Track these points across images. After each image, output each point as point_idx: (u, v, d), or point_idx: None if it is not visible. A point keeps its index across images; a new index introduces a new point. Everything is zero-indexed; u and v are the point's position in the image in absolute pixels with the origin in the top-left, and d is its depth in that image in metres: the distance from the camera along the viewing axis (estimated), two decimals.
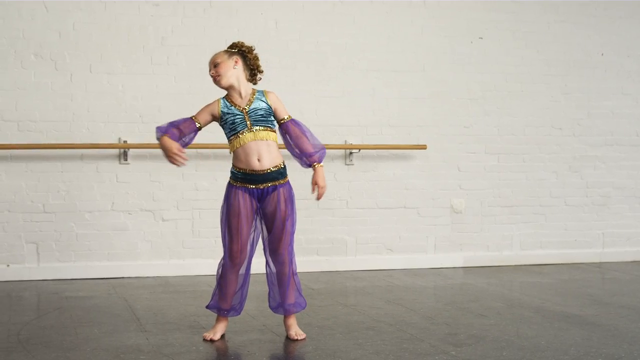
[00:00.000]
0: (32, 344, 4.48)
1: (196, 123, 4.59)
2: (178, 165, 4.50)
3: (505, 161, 7.95)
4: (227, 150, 7.08)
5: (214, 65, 4.56)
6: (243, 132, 4.51)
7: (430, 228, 7.76)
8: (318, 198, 4.69)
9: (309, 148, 4.61)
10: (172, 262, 7.11)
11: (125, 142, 6.93)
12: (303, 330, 4.73)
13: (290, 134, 4.61)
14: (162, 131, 4.51)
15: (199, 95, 6.69)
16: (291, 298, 4.64)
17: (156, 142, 6.86)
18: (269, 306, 4.75)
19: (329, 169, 7.43)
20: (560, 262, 8.06)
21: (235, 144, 4.57)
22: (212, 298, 4.70)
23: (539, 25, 7.96)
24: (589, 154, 8.18)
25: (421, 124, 7.68)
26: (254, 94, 4.57)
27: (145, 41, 7.00)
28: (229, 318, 4.77)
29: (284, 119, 4.61)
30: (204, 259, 7.16)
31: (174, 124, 4.56)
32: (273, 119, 4.59)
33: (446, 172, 7.78)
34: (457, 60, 7.77)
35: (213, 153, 7.16)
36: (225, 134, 4.62)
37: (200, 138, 7.03)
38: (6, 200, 6.74)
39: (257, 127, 4.50)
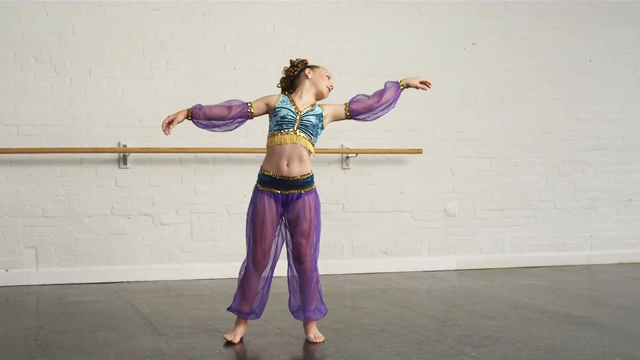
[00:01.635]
0: (54, 348, 4.47)
1: (249, 109, 4.56)
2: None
3: (497, 165, 8.07)
4: (226, 155, 7.19)
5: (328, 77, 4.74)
6: (288, 130, 4.50)
7: (424, 231, 7.85)
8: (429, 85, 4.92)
9: (380, 97, 4.76)
10: (171, 266, 7.12)
11: (124, 146, 6.92)
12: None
13: (362, 110, 4.72)
14: (197, 107, 4.55)
15: (198, 99, 6.69)
16: (312, 305, 4.66)
17: (155, 146, 6.96)
18: (290, 309, 4.78)
19: (325, 173, 7.50)
20: (549, 265, 8.19)
21: (275, 139, 4.51)
22: (233, 300, 4.72)
23: (530, 31, 8.10)
24: (577, 159, 8.33)
25: (416, 129, 7.77)
26: (313, 105, 4.60)
27: (144, 45, 7.01)
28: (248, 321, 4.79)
29: (346, 106, 4.70)
30: (203, 263, 7.18)
31: (217, 106, 4.58)
32: (319, 133, 4.61)
33: (440, 176, 7.88)
34: (451, 66, 7.88)
35: (212, 157, 7.18)
36: (270, 127, 4.58)
37: (199, 142, 7.12)
38: (5, 205, 6.70)
39: (301, 133, 4.51)
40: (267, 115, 4.67)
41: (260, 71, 7.28)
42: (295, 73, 4.73)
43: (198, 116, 4.53)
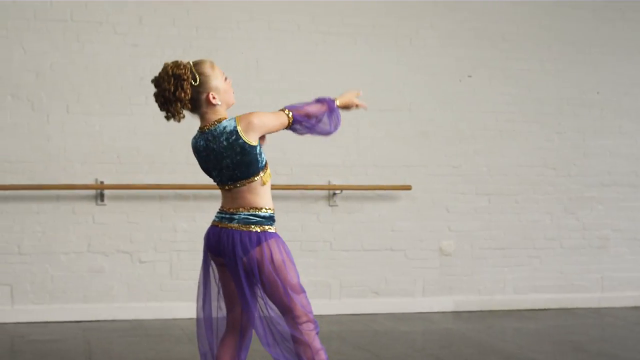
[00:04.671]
0: None
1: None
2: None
3: (496, 202, 7.74)
4: (207, 192, 7.05)
5: None
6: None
7: (418, 271, 7.55)
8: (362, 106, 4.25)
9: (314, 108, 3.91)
10: (149, 304, 6.99)
11: (102, 182, 6.87)
12: None
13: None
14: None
15: (177, 135, 6.61)
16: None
17: (133, 183, 6.88)
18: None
19: (311, 210, 7.30)
20: (556, 307, 7.78)
21: (268, 173, 3.79)
22: None
23: (530, 63, 7.79)
24: (585, 195, 7.93)
25: (408, 164, 7.52)
26: None
27: (123, 81, 6.96)
28: None
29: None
30: (183, 302, 7.01)
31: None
32: None
33: (434, 213, 7.59)
34: (445, 99, 7.62)
35: (192, 194, 7.06)
36: (263, 158, 3.75)
37: (179, 178, 7.01)
38: None
39: None
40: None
41: (244, 106, 7.01)
42: None
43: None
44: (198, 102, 3.70)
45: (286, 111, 3.77)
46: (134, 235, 6.98)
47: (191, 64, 3.71)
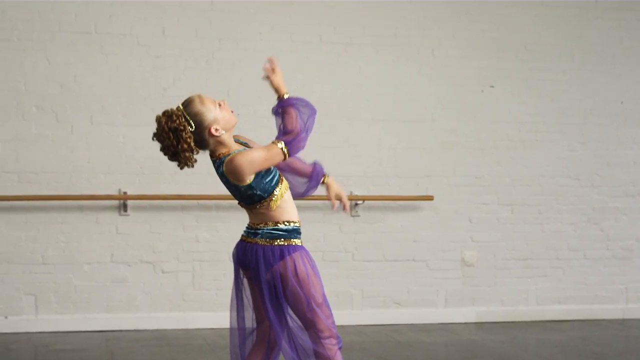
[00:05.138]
0: None
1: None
2: None
3: (519, 212, 7.69)
4: (228, 202, 7.06)
5: None
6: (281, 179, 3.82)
7: (440, 281, 7.53)
8: (344, 209, 4.03)
9: (303, 166, 3.91)
10: (172, 315, 7.01)
11: (125, 193, 6.90)
12: None
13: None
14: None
15: None
16: None
17: (156, 193, 6.92)
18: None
19: (333, 221, 7.30)
20: (580, 319, 7.72)
21: (275, 200, 3.73)
22: None
23: (553, 73, 7.75)
24: (609, 205, 7.87)
25: (430, 175, 7.50)
26: None
27: (146, 92, 7.01)
28: None
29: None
30: (205, 312, 7.04)
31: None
32: None
33: (457, 224, 7.56)
34: (467, 110, 7.60)
35: (215, 204, 7.08)
36: (261, 192, 3.70)
37: (201, 189, 7.04)
38: (5, 252, 6.74)
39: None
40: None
41: (265, 117, 7.07)
42: None
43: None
44: (204, 141, 3.67)
45: (278, 143, 3.63)
46: (156, 245, 7.01)
47: (182, 109, 3.66)
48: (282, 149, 3.64)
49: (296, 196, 3.90)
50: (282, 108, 3.82)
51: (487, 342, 6.53)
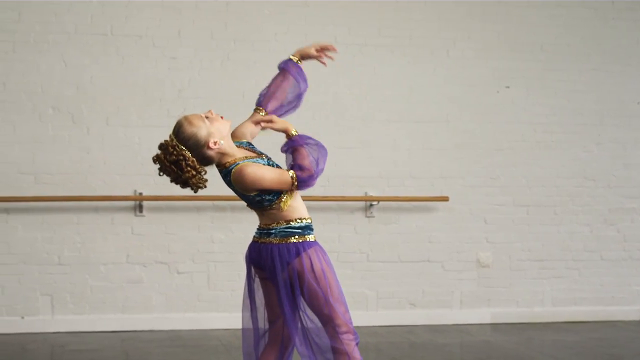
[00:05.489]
0: None
1: None
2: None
3: (535, 213, 7.67)
4: (244, 203, 7.06)
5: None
6: None
7: (455, 282, 7.51)
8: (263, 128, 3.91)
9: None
10: (187, 315, 7.03)
11: (140, 194, 6.93)
12: None
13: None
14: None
15: None
16: None
17: (171, 194, 6.94)
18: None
19: (348, 221, 7.30)
20: (596, 320, 7.69)
21: (285, 201, 3.72)
22: None
23: (569, 73, 7.72)
24: (625, 206, 7.83)
25: (445, 175, 7.49)
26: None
27: (161, 94, 7.03)
28: None
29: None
30: (220, 313, 7.06)
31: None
32: None
33: (472, 225, 7.55)
34: (483, 110, 7.58)
35: (229, 205, 7.09)
36: (270, 198, 3.69)
37: (216, 190, 7.03)
38: (22, 253, 6.78)
39: None
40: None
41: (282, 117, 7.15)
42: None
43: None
44: (206, 158, 3.65)
45: (291, 174, 3.65)
46: (171, 246, 7.03)
47: (174, 139, 3.62)
48: (292, 177, 3.66)
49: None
50: (293, 147, 3.75)
51: (502, 344, 6.51)
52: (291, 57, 4.10)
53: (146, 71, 7.01)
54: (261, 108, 3.93)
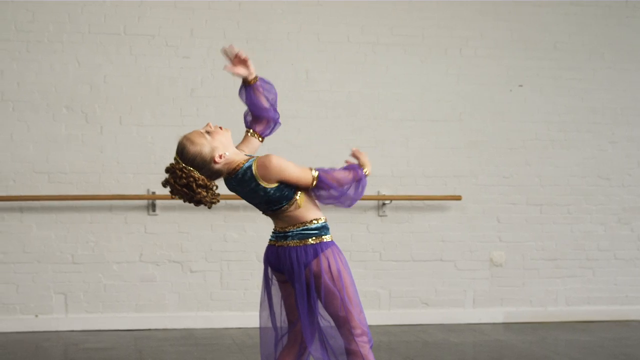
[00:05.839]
0: None
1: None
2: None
3: (548, 212, 7.64)
4: None
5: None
6: None
7: (468, 282, 7.50)
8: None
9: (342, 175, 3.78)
10: (200, 314, 7.05)
11: (153, 193, 6.95)
12: None
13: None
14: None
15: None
16: None
17: None
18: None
19: (361, 220, 7.30)
20: (610, 319, 7.66)
21: (302, 196, 3.72)
22: None
23: (583, 72, 7.69)
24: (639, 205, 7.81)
25: (458, 174, 7.47)
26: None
27: (174, 93, 7.05)
28: None
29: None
30: (233, 311, 7.08)
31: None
32: None
33: (485, 224, 7.53)
34: (496, 109, 7.56)
35: (242, 204, 7.09)
36: (288, 193, 3.67)
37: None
38: (36, 251, 6.82)
39: None
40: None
41: (293, 117, 7.17)
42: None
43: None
44: (215, 173, 3.66)
45: (313, 171, 3.67)
46: (184, 245, 7.05)
47: (180, 161, 3.61)
48: (313, 176, 3.66)
49: (348, 206, 3.86)
50: (353, 171, 3.76)
51: (515, 343, 6.49)
52: (365, 170, 3.84)
53: (159, 70, 7.03)
54: (314, 170, 3.71)
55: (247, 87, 3.98)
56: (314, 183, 3.67)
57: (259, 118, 3.98)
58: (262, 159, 3.61)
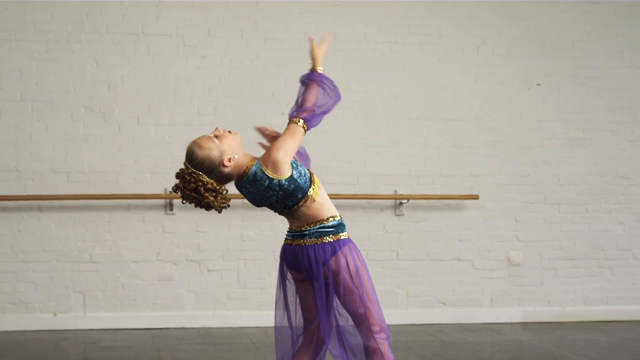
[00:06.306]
0: None
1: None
2: None
3: (566, 212, 7.61)
4: None
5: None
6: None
7: (485, 281, 7.48)
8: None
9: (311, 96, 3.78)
10: (217, 313, 7.07)
11: (171, 192, 6.97)
12: None
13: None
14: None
15: (245, 145, 6.66)
16: None
17: None
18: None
19: (378, 220, 7.29)
20: (628, 319, 7.61)
21: (316, 190, 3.71)
22: None
23: (602, 70, 7.65)
24: None
25: (475, 174, 7.45)
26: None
27: (192, 92, 7.07)
28: None
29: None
30: (250, 310, 7.09)
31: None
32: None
33: (502, 223, 7.51)
34: (514, 108, 7.53)
35: None
36: (302, 184, 3.66)
37: None
38: (54, 250, 6.85)
39: None
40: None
41: None
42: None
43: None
44: (225, 177, 3.64)
45: (298, 122, 3.66)
46: (202, 244, 7.07)
47: (189, 167, 3.61)
48: (302, 126, 3.66)
49: (336, 104, 3.84)
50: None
51: (533, 343, 6.47)
52: (317, 69, 3.88)
53: (177, 70, 7.06)
54: (298, 120, 3.68)
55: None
56: (305, 130, 3.67)
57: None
58: (265, 157, 3.61)
